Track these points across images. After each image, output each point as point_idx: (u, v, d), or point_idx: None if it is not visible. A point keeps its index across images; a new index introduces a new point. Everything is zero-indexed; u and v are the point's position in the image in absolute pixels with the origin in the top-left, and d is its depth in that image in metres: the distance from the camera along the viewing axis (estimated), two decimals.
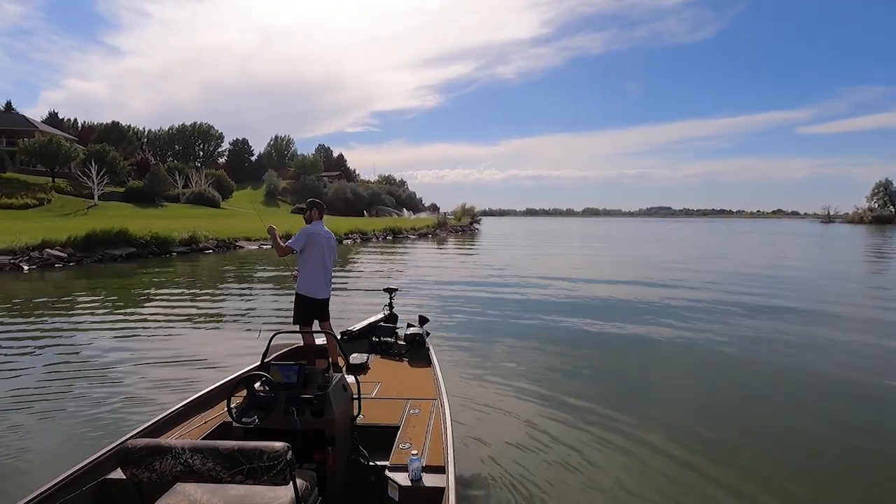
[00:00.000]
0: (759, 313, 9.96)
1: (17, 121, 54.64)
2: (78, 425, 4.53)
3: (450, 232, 49.88)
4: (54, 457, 3.84)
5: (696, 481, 3.72)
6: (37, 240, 16.78)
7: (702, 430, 4.57)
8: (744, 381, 6.20)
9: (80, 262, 17.16)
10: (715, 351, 7.35)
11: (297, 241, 4.50)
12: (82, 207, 39.67)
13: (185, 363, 6.44)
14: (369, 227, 38.98)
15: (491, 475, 3.67)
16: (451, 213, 63.95)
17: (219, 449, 1.76)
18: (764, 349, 7.48)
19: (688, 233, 56.30)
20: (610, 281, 14.82)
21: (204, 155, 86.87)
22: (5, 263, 15.04)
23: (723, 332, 8.43)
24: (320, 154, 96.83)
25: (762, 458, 4.12)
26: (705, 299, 11.47)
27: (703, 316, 9.62)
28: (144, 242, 19.85)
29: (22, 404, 5.01)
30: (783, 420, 4.93)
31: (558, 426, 4.56)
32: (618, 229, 67.03)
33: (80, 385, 5.60)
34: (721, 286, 13.59)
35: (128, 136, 67.32)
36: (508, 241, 39.79)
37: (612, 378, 6.20)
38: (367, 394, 3.65)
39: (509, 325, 8.88)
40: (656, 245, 34.94)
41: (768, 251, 29.02)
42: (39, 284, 13.58)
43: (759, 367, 6.69)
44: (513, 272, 17.06)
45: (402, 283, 13.69)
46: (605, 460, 3.95)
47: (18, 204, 36.67)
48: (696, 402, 5.47)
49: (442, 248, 31.19)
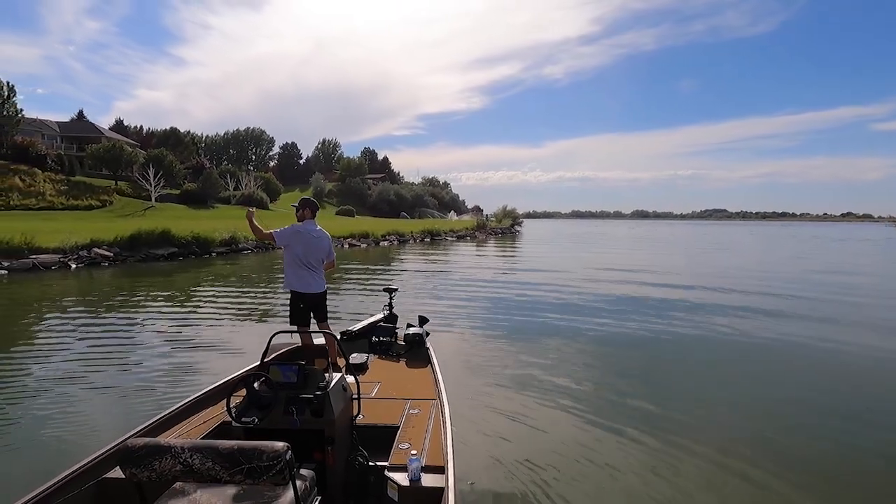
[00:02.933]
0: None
1: (87, 128, 58.77)
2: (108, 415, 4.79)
3: (489, 234, 49.48)
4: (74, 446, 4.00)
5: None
6: (86, 239, 17.81)
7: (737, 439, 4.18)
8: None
9: (125, 261, 18.08)
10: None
11: (282, 236, 4.52)
12: (140, 209, 42.00)
13: (211, 359, 6.62)
14: (407, 229, 39.19)
15: (490, 475, 3.70)
16: (492, 216, 63.51)
17: (218, 448, 1.76)
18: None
19: (747, 236, 53.34)
20: (635, 282, 14.11)
21: (256, 159, 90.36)
22: (55, 261, 16.02)
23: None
24: (365, 157, 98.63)
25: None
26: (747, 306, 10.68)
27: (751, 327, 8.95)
28: (185, 242, 20.71)
29: (43, 395, 5.27)
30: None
31: (558, 426, 4.58)
32: (669, 232, 64.55)
33: (100, 380, 5.80)
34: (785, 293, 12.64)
35: (184, 141, 70.89)
36: (547, 243, 38.98)
37: (617, 380, 6.03)
38: (367, 394, 3.67)
39: (513, 325, 8.85)
40: (712, 249, 33.21)
41: (848, 257, 26.96)
42: (82, 282, 14.37)
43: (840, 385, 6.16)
44: (539, 274, 16.58)
45: (411, 282, 13.54)
46: (606, 460, 3.96)
47: (83, 205, 39.26)
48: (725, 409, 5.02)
49: (479, 250, 30.92)
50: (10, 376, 5.92)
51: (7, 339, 7.85)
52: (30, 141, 43.61)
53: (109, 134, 58.97)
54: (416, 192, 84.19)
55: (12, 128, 44.04)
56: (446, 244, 35.93)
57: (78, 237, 17.72)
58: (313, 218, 4.70)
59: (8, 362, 6.51)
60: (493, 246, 35.67)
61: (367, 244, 31.63)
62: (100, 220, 32.63)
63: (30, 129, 48.31)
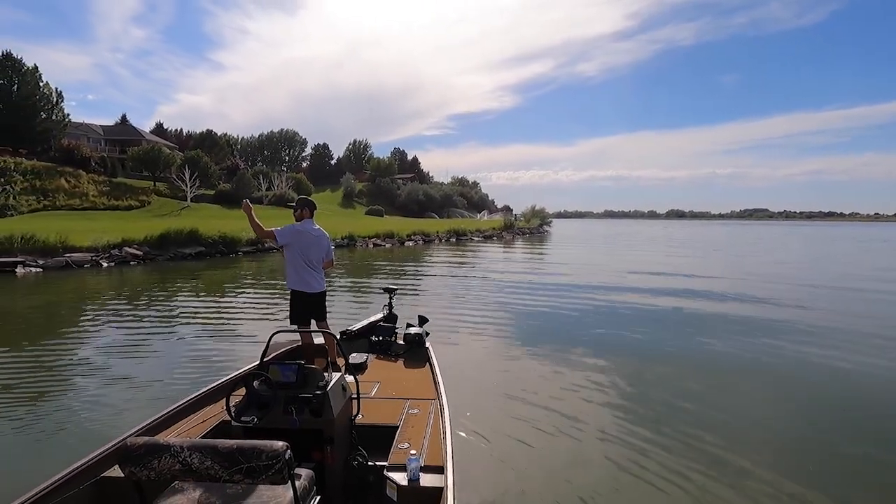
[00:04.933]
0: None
1: (129, 131, 61.26)
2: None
3: (517, 234, 49.01)
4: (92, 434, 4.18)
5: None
6: (118, 238, 18.49)
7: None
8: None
9: (154, 260, 18.69)
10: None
11: (283, 235, 4.55)
12: (176, 209, 43.46)
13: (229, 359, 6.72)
14: (432, 229, 39.19)
15: (490, 475, 3.71)
16: (520, 215, 62.91)
17: (217, 448, 1.76)
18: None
19: (792, 237, 51.08)
20: (635, 288, 13.64)
21: (289, 160, 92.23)
22: (87, 260, 16.68)
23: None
24: (395, 157, 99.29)
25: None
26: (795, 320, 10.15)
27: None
28: (213, 242, 21.25)
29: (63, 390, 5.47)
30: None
31: (559, 426, 4.57)
32: (706, 233, 62.56)
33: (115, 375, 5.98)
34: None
35: (219, 143, 72.95)
36: (575, 244, 38.30)
37: (621, 385, 5.86)
38: (366, 393, 3.68)
39: (514, 326, 8.77)
40: (756, 251, 31.93)
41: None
42: (112, 279, 14.90)
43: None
44: (555, 277, 16.26)
45: (425, 282, 13.44)
46: (605, 460, 3.98)
47: (123, 205, 40.91)
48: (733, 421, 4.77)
49: (502, 251, 30.64)
50: (50, 363, 6.26)
51: (32, 334, 8.18)
52: (75, 144, 45.75)
53: (149, 137, 61.30)
54: (445, 191, 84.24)
55: (60, 132, 46.31)
56: (471, 244, 35.76)
57: (110, 236, 18.42)
58: (311, 217, 4.74)
59: (47, 351, 6.84)
60: (519, 246, 35.29)
61: (392, 244, 31.78)
62: (138, 219, 33.90)
63: (76, 133, 50.78)
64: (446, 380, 3.89)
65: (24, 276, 14.67)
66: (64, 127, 47.33)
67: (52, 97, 45.60)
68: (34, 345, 7.45)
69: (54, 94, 45.95)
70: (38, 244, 16.05)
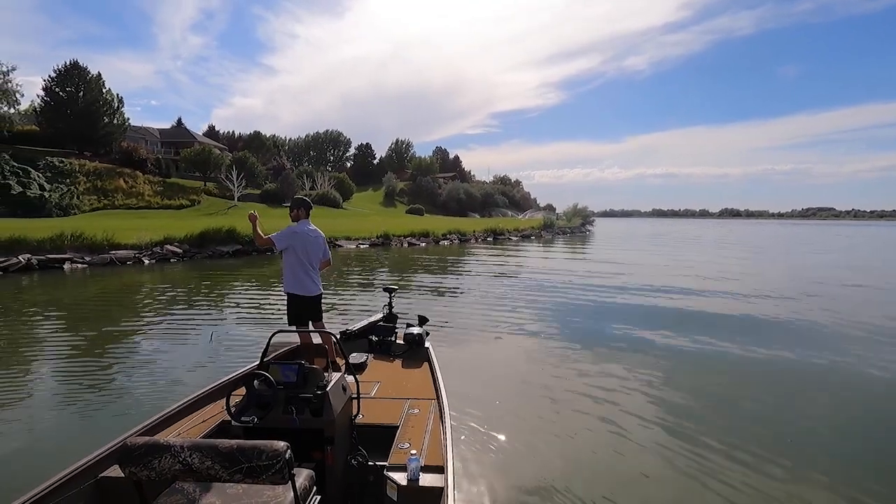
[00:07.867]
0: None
1: (183, 134, 64.37)
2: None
3: (556, 234, 48.04)
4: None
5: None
6: (160, 237, 19.33)
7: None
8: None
9: (193, 258, 19.43)
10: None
11: (281, 239, 4.58)
12: (224, 207, 45.25)
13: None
14: (469, 228, 38.96)
15: (490, 475, 3.71)
16: (562, 214, 61.65)
17: (218, 447, 1.77)
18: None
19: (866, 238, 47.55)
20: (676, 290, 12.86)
21: (334, 160, 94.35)
22: (130, 257, 17.53)
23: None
24: (437, 156, 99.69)
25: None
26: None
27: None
28: (250, 240, 21.85)
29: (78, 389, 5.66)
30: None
31: (558, 426, 4.57)
32: (769, 233, 59.27)
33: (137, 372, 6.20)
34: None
35: (266, 144, 75.52)
36: (616, 245, 37.07)
37: (626, 387, 5.74)
38: (367, 393, 3.71)
39: (517, 327, 8.65)
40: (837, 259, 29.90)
41: None
42: (154, 275, 15.59)
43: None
44: (587, 278, 15.68)
45: (449, 282, 13.22)
46: (605, 460, 3.97)
47: (175, 205, 43.09)
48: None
49: (540, 250, 30.02)
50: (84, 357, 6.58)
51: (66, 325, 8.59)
52: (134, 146, 48.49)
53: (201, 139, 64.12)
54: (486, 190, 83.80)
55: (120, 135, 49.17)
56: (509, 244, 35.28)
57: (153, 234, 19.28)
58: (307, 217, 4.77)
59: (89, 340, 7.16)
60: (558, 246, 34.52)
61: (427, 243, 31.80)
62: (186, 218, 35.48)
63: (135, 136, 53.78)
64: (446, 380, 3.87)
65: (71, 271, 15.56)
66: (124, 130, 50.20)
67: (113, 103, 48.44)
68: (77, 335, 7.89)
69: (116, 99, 48.80)
70: (87, 242, 17.00)
